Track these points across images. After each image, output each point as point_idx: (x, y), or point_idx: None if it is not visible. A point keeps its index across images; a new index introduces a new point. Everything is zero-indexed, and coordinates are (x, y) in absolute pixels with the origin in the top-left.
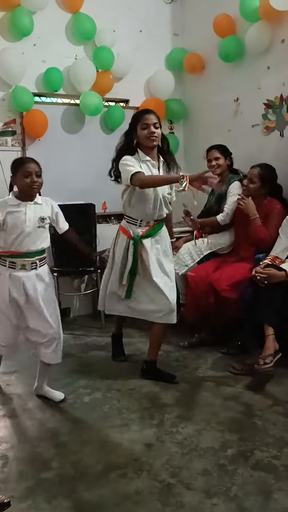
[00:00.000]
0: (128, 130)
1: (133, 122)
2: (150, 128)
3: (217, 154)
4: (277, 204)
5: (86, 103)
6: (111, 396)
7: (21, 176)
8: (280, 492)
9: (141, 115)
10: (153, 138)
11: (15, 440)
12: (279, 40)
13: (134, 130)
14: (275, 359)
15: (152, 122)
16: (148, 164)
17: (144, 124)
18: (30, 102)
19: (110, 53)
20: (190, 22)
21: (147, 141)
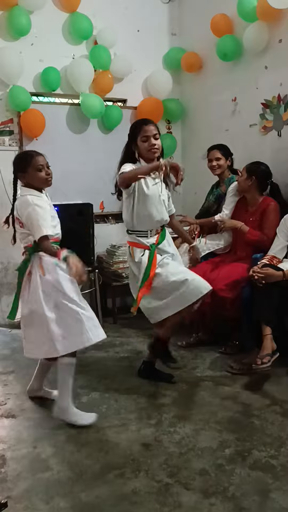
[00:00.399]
0: (128, 142)
1: (133, 134)
2: (150, 140)
3: (218, 154)
4: (271, 201)
5: (88, 105)
6: (109, 396)
7: (34, 170)
8: (278, 492)
9: (140, 127)
10: (154, 150)
11: (12, 440)
12: (276, 40)
13: (134, 142)
14: (272, 358)
15: (152, 133)
16: (150, 174)
17: (144, 137)
18: (27, 102)
19: (107, 52)
20: (188, 22)
21: (148, 153)
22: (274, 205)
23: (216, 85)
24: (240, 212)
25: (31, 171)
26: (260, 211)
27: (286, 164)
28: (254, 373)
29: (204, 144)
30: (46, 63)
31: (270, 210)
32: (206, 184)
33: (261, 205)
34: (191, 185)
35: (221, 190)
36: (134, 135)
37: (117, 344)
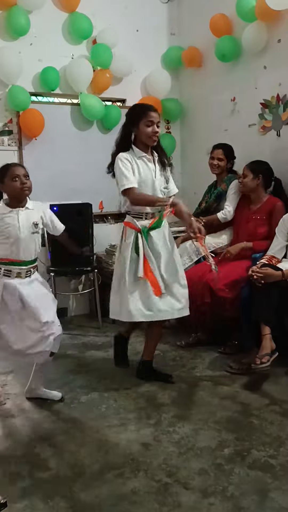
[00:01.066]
0: (127, 123)
1: (136, 116)
2: (154, 126)
3: (221, 155)
4: (277, 201)
5: (88, 106)
6: (108, 396)
7: (9, 180)
8: (277, 491)
9: (146, 111)
10: (154, 137)
11: (11, 440)
12: (275, 40)
13: (135, 125)
14: (271, 358)
15: (156, 120)
16: (144, 160)
17: (149, 121)
18: (27, 102)
19: (108, 51)
20: (187, 22)
21: (148, 139)
22: (281, 205)
23: (215, 85)
24: (243, 211)
25: (6, 181)
26: (267, 210)
27: (285, 164)
28: (253, 373)
29: (203, 144)
30: (45, 63)
31: (278, 210)
32: (205, 184)
33: (267, 204)
34: (190, 185)
35: (221, 188)
36: (137, 118)
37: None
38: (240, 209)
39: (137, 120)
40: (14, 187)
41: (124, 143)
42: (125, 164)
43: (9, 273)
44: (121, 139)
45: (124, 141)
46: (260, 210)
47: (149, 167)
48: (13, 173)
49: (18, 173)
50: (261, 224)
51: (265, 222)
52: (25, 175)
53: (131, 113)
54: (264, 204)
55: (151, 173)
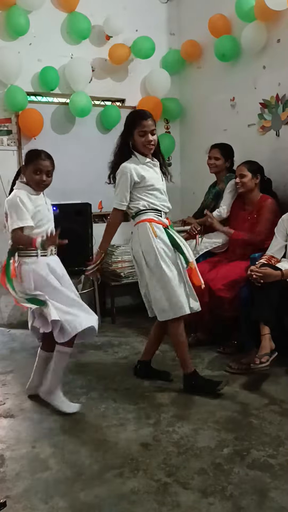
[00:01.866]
0: (123, 133)
1: (130, 125)
2: (147, 136)
3: (218, 154)
4: (267, 198)
5: (76, 103)
6: (108, 396)
7: (31, 171)
8: (276, 491)
9: (139, 120)
10: (150, 146)
11: (11, 440)
12: (274, 39)
13: (130, 134)
14: (271, 358)
15: (150, 129)
16: (150, 165)
17: (142, 132)
18: (24, 102)
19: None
20: (186, 22)
21: (144, 148)
22: (270, 202)
23: (215, 84)
24: (238, 211)
25: (30, 168)
26: (258, 208)
27: (284, 164)
28: (252, 372)
29: (203, 143)
30: (45, 63)
31: (265, 207)
32: (204, 183)
33: (259, 202)
34: (189, 185)
35: (219, 188)
36: (131, 128)
37: (116, 344)
38: (236, 210)
39: (131, 129)
40: (33, 179)
41: (123, 152)
42: (126, 181)
43: (46, 252)
44: (119, 149)
45: (122, 150)
46: (253, 210)
47: (156, 171)
48: (37, 166)
49: (42, 168)
50: (256, 223)
51: (257, 220)
52: (49, 171)
53: (126, 122)
54: (257, 203)
55: (159, 177)
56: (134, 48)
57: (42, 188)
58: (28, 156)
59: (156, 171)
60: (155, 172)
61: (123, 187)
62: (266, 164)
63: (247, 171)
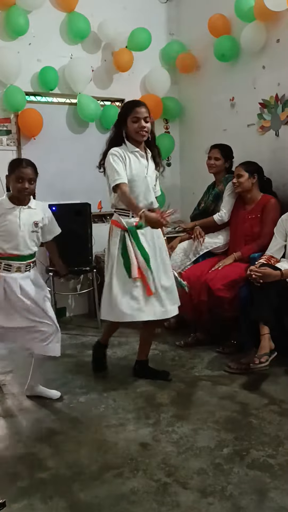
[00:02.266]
0: (117, 121)
1: (123, 113)
2: (140, 122)
3: (218, 154)
4: (270, 198)
5: (84, 107)
6: (107, 396)
7: (14, 179)
8: (276, 491)
9: (132, 107)
10: (143, 133)
11: (10, 440)
12: (274, 39)
13: (124, 121)
14: (270, 358)
15: (143, 116)
16: (137, 155)
17: (135, 117)
18: (22, 102)
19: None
20: (186, 22)
21: (136, 135)
22: (274, 202)
23: (214, 84)
24: (239, 211)
25: (12, 177)
26: (261, 209)
27: (283, 164)
28: (252, 372)
29: (202, 143)
30: (44, 63)
31: (270, 207)
32: (204, 184)
33: (261, 202)
34: (189, 185)
35: (219, 189)
36: (125, 115)
37: (116, 344)
38: (236, 210)
39: (125, 117)
40: (15, 187)
41: (115, 140)
42: (115, 160)
43: (10, 268)
44: (112, 137)
45: (115, 138)
46: (254, 210)
47: (141, 163)
48: (19, 174)
49: (23, 176)
50: (256, 223)
51: (260, 220)
52: (31, 179)
53: (120, 111)
54: (258, 203)
55: (144, 169)
56: (131, 42)
57: (25, 195)
58: (10, 166)
59: (141, 162)
60: (139, 163)
61: (117, 164)
62: (265, 164)
63: (243, 171)
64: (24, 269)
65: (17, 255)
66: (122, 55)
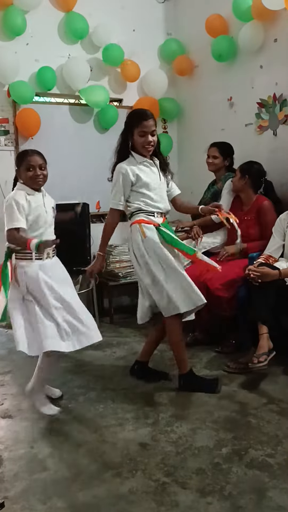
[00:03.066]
0: (123, 131)
1: (130, 125)
2: (147, 137)
3: (216, 153)
4: (264, 199)
5: (91, 97)
6: (106, 396)
7: (24, 169)
8: (275, 490)
9: (140, 121)
10: (149, 147)
11: (9, 440)
12: (272, 39)
13: (130, 133)
14: (269, 357)
15: (150, 130)
16: (147, 164)
17: (142, 132)
18: (30, 95)
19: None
20: (183, 22)
21: (142, 149)
22: (268, 204)
23: (212, 84)
24: (235, 211)
25: (22, 169)
26: (255, 210)
27: (281, 164)
28: (250, 372)
29: (200, 143)
30: (42, 63)
31: (265, 209)
32: (202, 182)
33: (255, 204)
34: (187, 184)
35: (218, 187)
36: (131, 127)
37: (114, 344)
38: (233, 210)
39: (132, 129)
40: (27, 176)
41: (122, 151)
42: (119, 181)
43: (40, 256)
44: (119, 148)
45: (122, 149)
46: (250, 211)
47: (153, 171)
48: (28, 163)
49: (33, 164)
50: (252, 225)
51: (255, 222)
52: (41, 165)
53: (127, 121)
54: (253, 205)
55: (157, 176)
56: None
57: (39, 183)
58: (18, 159)
59: (153, 171)
60: (152, 172)
61: (119, 187)
62: (263, 164)
63: (238, 171)
64: (51, 254)
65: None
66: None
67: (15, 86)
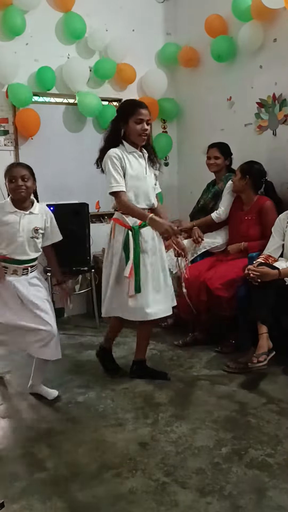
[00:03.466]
0: (116, 119)
1: (125, 113)
2: (143, 124)
3: (217, 153)
4: (266, 200)
5: (85, 104)
6: (106, 396)
7: (8, 181)
8: (274, 490)
9: (136, 108)
10: (144, 136)
11: (8, 440)
12: (271, 39)
13: (125, 121)
14: (268, 357)
15: (146, 118)
16: (135, 155)
17: (139, 119)
18: (29, 97)
19: (113, 63)
20: (183, 22)
21: (137, 138)
22: (269, 204)
23: (212, 84)
24: (236, 211)
25: (6, 181)
26: (256, 210)
27: (281, 163)
28: (250, 371)
29: (200, 143)
30: (41, 63)
31: (267, 209)
32: (201, 183)
33: (256, 204)
34: (187, 185)
35: (219, 187)
36: (126, 115)
37: (113, 344)
38: (234, 210)
39: (126, 117)
40: (11, 189)
41: (113, 138)
42: (115, 164)
43: (6, 270)
44: (110, 134)
45: (113, 136)
46: (250, 211)
47: (140, 163)
48: (10, 174)
49: (15, 175)
50: (252, 225)
51: (256, 222)
52: (23, 176)
53: (121, 109)
54: (254, 205)
55: (143, 169)
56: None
57: (21, 194)
58: (4, 172)
59: (140, 163)
60: (139, 164)
61: (115, 170)
62: (263, 164)
63: (238, 171)
64: (21, 272)
65: (14, 259)
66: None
67: (13, 88)
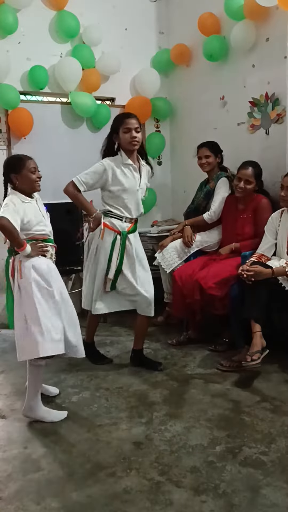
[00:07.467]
0: (110, 133)
1: (115, 125)
2: (132, 132)
3: (208, 152)
4: (262, 198)
5: (79, 103)
6: (100, 395)
7: (27, 172)
8: (268, 488)
9: (123, 119)
10: (134, 142)
11: (2, 441)
12: (264, 38)
13: (116, 133)
14: (262, 355)
15: (134, 126)
16: (130, 168)
17: (126, 128)
18: (16, 100)
19: (89, 51)
20: (176, 21)
21: (128, 145)
22: (266, 202)
23: (204, 83)
24: (230, 210)
25: (25, 172)
26: (252, 209)
27: (273, 162)
28: (244, 370)
29: (193, 143)
30: (34, 62)
31: (263, 207)
32: (195, 182)
33: (253, 202)
34: (180, 184)
35: (210, 186)
36: (116, 127)
37: (108, 343)
38: (228, 209)
39: (117, 129)
40: (32, 179)
41: (109, 151)
42: (97, 170)
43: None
44: (106, 148)
45: (108, 149)
46: (246, 209)
47: (134, 177)
48: (30, 165)
49: (35, 166)
50: (247, 223)
51: (251, 220)
52: (37, 168)
53: (113, 123)
54: (250, 203)
55: (136, 183)
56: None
57: (38, 187)
58: (15, 164)
59: (134, 176)
60: (133, 178)
61: (93, 175)
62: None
63: (253, 178)
64: (54, 259)
65: (46, 237)
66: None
67: (1, 89)
